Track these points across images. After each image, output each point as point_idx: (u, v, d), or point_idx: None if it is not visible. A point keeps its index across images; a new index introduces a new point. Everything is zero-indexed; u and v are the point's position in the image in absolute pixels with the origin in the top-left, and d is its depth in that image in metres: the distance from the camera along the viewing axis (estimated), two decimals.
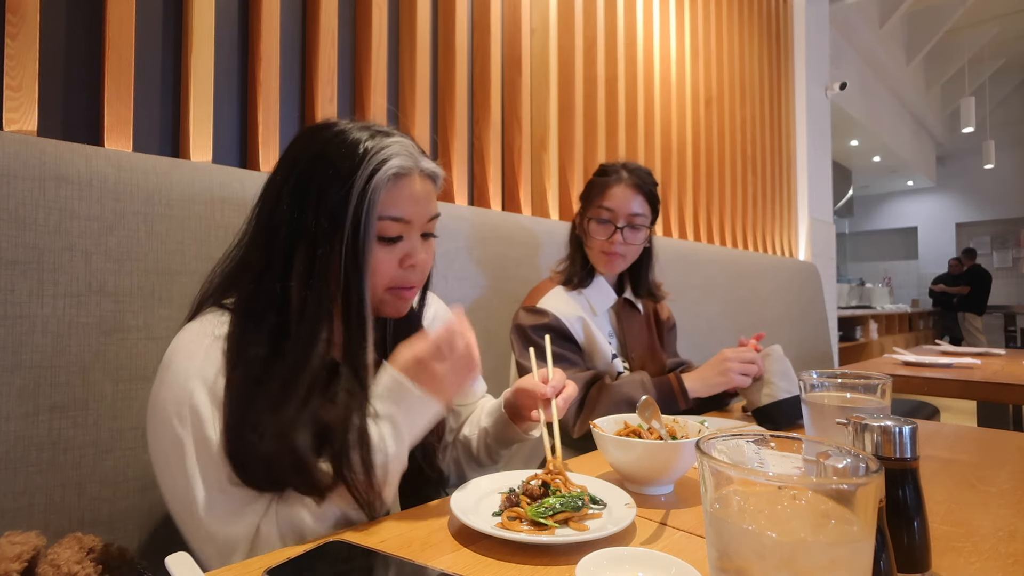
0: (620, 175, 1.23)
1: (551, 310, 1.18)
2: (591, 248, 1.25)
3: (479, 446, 0.88)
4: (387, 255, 0.70)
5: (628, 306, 1.33)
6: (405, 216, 0.70)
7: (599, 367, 1.22)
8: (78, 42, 0.97)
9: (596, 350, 1.22)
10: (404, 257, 0.71)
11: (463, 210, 1.41)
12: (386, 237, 0.70)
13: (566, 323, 1.18)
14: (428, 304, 0.90)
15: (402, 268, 0.72)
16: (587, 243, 1.26)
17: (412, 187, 0.70)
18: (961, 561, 0.53)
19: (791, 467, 0.40)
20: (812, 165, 3.51)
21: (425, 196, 0.72)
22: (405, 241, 0.71)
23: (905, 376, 1.77)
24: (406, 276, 0.72)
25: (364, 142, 0.68)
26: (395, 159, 0.68)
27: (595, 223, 1.23)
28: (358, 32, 1.36)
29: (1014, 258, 9.24)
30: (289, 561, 0.50)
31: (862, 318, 6.26)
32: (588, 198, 1.26)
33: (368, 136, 0.69)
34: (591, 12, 1.95)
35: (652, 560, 0.49)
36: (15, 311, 0.75)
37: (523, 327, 1.18)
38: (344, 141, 0.69)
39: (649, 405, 0.77)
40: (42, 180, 0.78)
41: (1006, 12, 6.35)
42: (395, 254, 0.71)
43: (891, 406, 0.67)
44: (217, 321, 0.66)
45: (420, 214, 0.71)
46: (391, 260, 0.71)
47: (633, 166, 1.25)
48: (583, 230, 1.26)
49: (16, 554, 0.55)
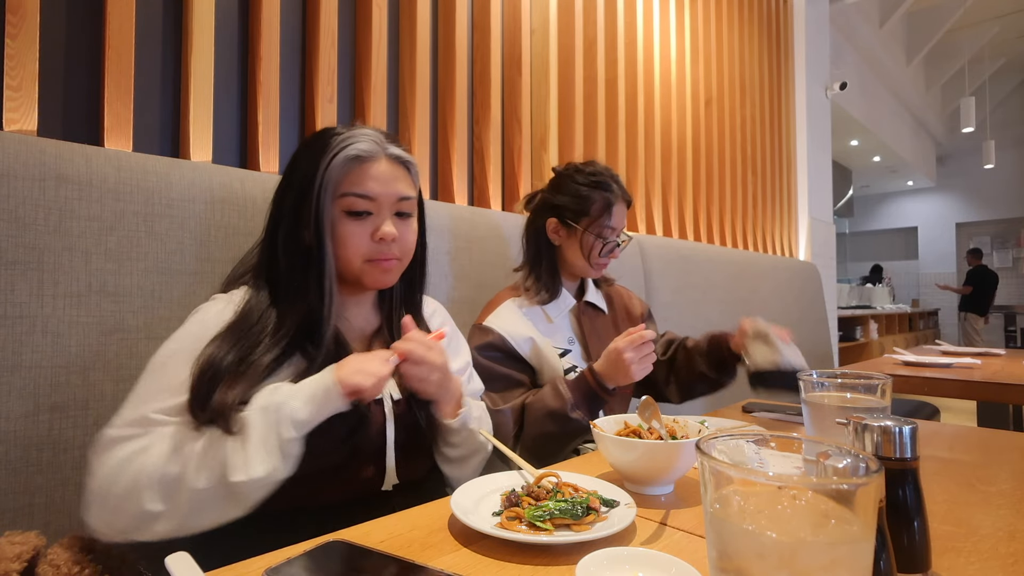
0: (615, 190, 1.19)
1: (497, 328, 1.13)
2: (578, 258, 1.19)
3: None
4: (357, 228, 0.79)
5: (590, 308, 1.28)
6: (369, 193, 0.79)
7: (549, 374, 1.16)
8: (78, 42, 0.97)
9: (546, 367, 1.16)
10: (374, 231, 0.79)
11: (463, 210, 1.41)
12: (354, 211, 0.79)
13: (512, 342, 1.13)
14: (427, 303, 0.96)
15: (374, 241, 0.80)
16: (576, 252, 1.19)
17: (377, 168, 0.80)
18: (961, 561, 0.53)
19: (791, 467, 0.40)
20: (812, 165, 3.51)
21: (392, 177, 0.81)
22: (375, 216, 0.80)
23: (905, 376, 1.77)
24: (380, 249, 0.80)
25: (336, 134, 0.80)
26: (358, 144, 0.79)
27: (600, 242, 1.18)
28: (358, 32, 1.36)
29: (1014, 258, 9.24)
30: (289, 561, 0.50)
31: (862, 318, 6.26)
32: (586, 212, 1.18)
33: (343, 129, 0.81)
34: (591, 12, 1.95)
35: (652, 560, 0.49)
36: (15, 311, 0.75)
37: (471, 347, 1.09)
38: (322, 135, 0.81)
39: (649, 405, 0.77)
40: (42, 180, 0.78)
41: (1006, 12, 6.35)
42: (365, 228, 0.80)
43: (891, 406, 0.67)
44: (234, 293, 0.79)
45: (386, 193, 0.80)
46: (362, 233, 0.79)
47: (615, 173, 1.22)
48: (574, 241, 1.19)
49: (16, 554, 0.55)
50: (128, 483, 0.62)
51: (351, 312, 0.86)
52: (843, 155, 7.70)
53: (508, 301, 1.19)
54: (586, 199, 1.18)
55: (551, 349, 1.16)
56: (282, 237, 0.79)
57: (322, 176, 0.77)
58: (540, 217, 1.23)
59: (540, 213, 1.23)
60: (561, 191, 1.21)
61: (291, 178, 0.80)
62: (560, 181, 1.22)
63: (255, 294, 0.78)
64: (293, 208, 0.78)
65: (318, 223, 0.77)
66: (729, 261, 2.39)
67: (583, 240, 1.18)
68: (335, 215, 0.79)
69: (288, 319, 0.75)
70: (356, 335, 0.86)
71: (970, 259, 7.45)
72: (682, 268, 2.07)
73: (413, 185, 0.84)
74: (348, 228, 0.79)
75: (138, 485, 0.62)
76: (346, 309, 0.85)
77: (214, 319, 0.74)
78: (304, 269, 0.77)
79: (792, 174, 3.39)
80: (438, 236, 1.30)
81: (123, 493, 0.62)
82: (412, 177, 0.84)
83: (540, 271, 1.21)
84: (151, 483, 0.62)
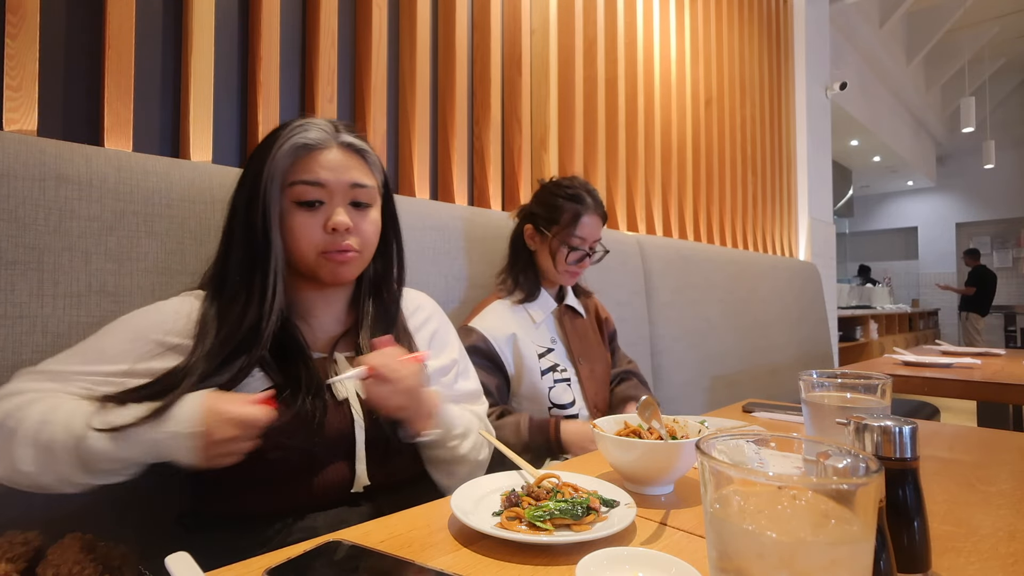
0: (587, 203, 1.26)
1: (480, 329, 1.20)
2: (548, 263, 1.28)
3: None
4: (308, 219, 0.76)
5: (570, 312, 1.36)
6: (318, 180, 0.75)
7: (527, 383, 1.22)
8: (78, 42, 0.97)
9: (524, 367, 1.22)
10: (326, 221, 0.76)
11: (463, 210, 1.41)
12: (303, 201, 0.76)
13: (493, 343, 1.19)
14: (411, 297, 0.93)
15: (327, 232, 0.76)
16: (546, 258, 1.28)
17: (327, 156, 0.77)
18: (961, 561, 0.53)
19: (791, 467, 0.40)
20: (812, 165, 3.51)
21: (344, 165, 0.77)
22: (327, 205, 0.77)
23: (905, 376, 1.77)
24: (334, 240, 0.76)
25: (286, 125, 0.78)
26: (306, 132, 0.76)
27: (566, 249, 1.26)
28: (358, 32, 1.36)
29: (1014, 258, 9.24)
30: (289, 561, 0.50)
31: (862, 318, 6.25)
32: (556, 221, 1.26)
33: (297, 120, 0.79)
34: (591, 12, 1.95)
35: (652, 560, 0.49)
36: (15, 311, 0.75)
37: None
38: (274, 130, 0.78)
39: (649, 405, 0.77)
40: (42, 180, 0.78)
41: (1006, 12, 6.35)
42: (317, 218, 0.76)
43: (891, 406, 0.67)
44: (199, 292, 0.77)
45: (337, 180, 0.76)
46: (314, 224, 0.76)
47: (592, 188, 1.29)
48: (546, 247, 1.27)
49: (16, 554, 0.55)
50: (5, 433, 0.62)
51: (319, 310, 0.82)
52: (843, 155, 7.69)
53: (496, 301, 1.27)
54: (558, 208, 1.27)
55: (532, 347, 1.24)
56: (236, 234, 0.75)
57: (269, 166, 0.74)
58: (520, 224, 1.33)
59: (521, 220, 1.33)
60: (539, 201, 1.30)
61: (244, 175, 0.78)
62: (540, 192, 1.32)
63: (209, 296, 0.76)
64: (245, 204, 0.75)
65: (265, 214, 0.73)
66: (729, 261, 2.39)
67: (551, 246, 1.27)
68: (285, 206, 0.76)
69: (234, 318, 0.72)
70: (321, 336, 0.82)
71: (968, 260, 7.45)
72: (682, 268, 2.07)
73: (370, 174, 0.80)
74: (299, 219, 0.75)
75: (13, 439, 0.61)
76: (314, 307, 0.82)
77: (171, 307, 0.74)
78: (253, 267, 0.74)
79: (792, 174, 3.39)
80: (438, 236, 1.30)
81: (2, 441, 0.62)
82: (369, 166, 0.81)
83: (516, 272, 1.30)
84: (25, 440, 0.61)
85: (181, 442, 0.61)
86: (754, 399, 1.35)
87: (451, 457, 0.82)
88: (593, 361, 1.34)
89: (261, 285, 0.73)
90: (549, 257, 1.27)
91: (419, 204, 1.32)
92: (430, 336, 0.92)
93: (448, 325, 0.98)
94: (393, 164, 1.44)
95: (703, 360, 2.05)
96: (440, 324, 0.95)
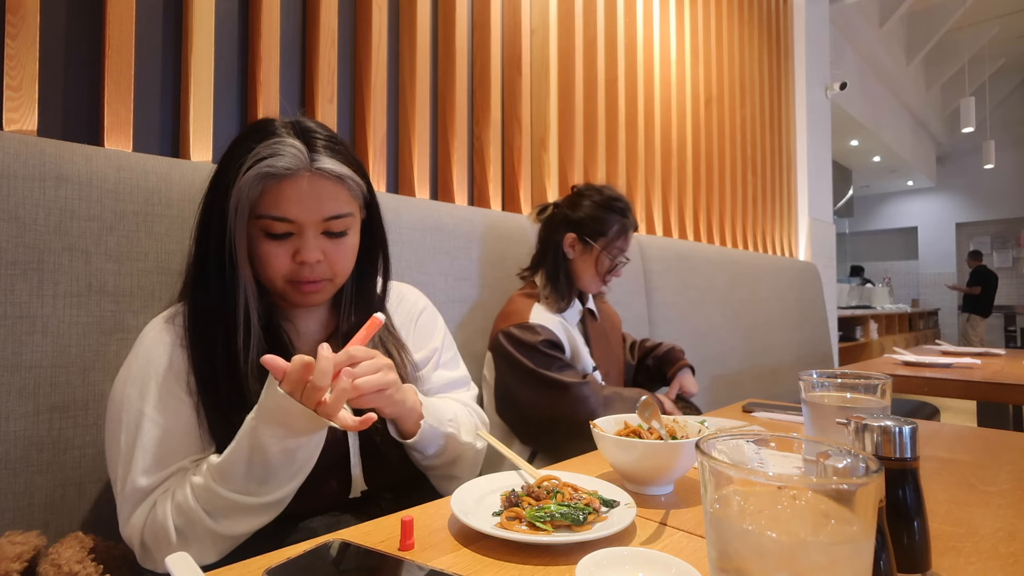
0: (631, 218, 1.31)
1: (545, 324, 1.23)
2: (588, 273, 1.30)
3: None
4: (277, 249, 0.72)
5: (590, 316, 1.40)
6: (286, 215, 0.70)
7: (581, 370, 1.29)
8: (78, 42, 0.97)
9: (579, 355, 1.28)
10: (295, 253, 0.72)
11: (463, 210, 1.41)
12: (273, 234, 0.72)
13: (558, 336, 1.24)
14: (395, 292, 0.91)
15: (296, 263, 0.73)
16: (589, 269, 1.29)
17: (296, 187, 0.70)
18: (961, 561, 0.53)
19: (791, 467, 0.40)
20: (812, 165, 3.51)
21: (315, 197, 0.71)
22: (297, 237, 0.72)
23: (905, 376, 1.77)
24: (302, 272, 0.73)
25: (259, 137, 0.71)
26: (274, 160, 0.68)
27: (610, 261, 1.29)
28: (358, 32, 1.36)
29: (1014, 258, 9.23)
30: (289, 561, 0.50)
31: (862, 318, 6.25)
32: (603, 233, 1.28)
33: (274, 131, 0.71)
34: (591, 12, 1.95)
35: (652, 560, 0.49)
36: (15, 311, 0.75)
37: (526, 343, 1.21)
38: (253, 132, 0.72)
39: (649, 405, 0.77)
40: (42, 180, 0.78)
41: (1006, 12, 6.35)
42: (286, 249, 0.72)
43: (891, 406, 0.67)
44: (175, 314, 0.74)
45: (306, 213, 0.71)
46: (283, 254, 0.72)
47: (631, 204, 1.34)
48: (588, 257, 1.29)
49: (17, 554, 0.55)
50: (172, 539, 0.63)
51: (299, 320, 0.81)
52: (843, 155, 7.69)
53: (535, 304, 1.27)
54: (606, 222, 1.28)
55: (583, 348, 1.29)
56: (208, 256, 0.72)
57: (236, 193, 0.68)
58: (558, 231, 1.31)
59: (558, 227, 1.31)
60: (582, 210, 1.30)
61: (214, 185, 0.73)
62: (583, 201, 1.31)
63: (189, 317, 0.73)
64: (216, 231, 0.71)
65: (232, 247, 0.70)
66: (729, 261, 2.39)
67: (599, 259, 1.28)
68: (252, 232, 0.72)
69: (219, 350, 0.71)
70: (307, 339, 0.81)
71: (970, 261, 7.48)
72: (682, 268, 2.07)
73: (348, 199, 0.74)
74: (267, 248, 0.72)
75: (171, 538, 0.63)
76: (293, 315, 0.81)
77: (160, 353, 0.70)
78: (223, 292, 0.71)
79: (792, 174, 3.39)
80: (438, 236, 1.30)
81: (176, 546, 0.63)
82: (348, 190, 0.74)
83: (559, 283, 1.29)
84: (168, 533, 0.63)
85: (292, 418, 0.61)
86: (754, 399, 1.35)
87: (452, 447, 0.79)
88: (609, 364, 1.38)
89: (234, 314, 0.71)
90: (590, 267, 1.29)
91: (419, 204, 1.32)
92: (413, 325, 0.90)
93: (434, 313, 0.95)
94: (393, 164, 1.44)
95: (703, 360, 2.05)
96: (424, 310, 0.93)
